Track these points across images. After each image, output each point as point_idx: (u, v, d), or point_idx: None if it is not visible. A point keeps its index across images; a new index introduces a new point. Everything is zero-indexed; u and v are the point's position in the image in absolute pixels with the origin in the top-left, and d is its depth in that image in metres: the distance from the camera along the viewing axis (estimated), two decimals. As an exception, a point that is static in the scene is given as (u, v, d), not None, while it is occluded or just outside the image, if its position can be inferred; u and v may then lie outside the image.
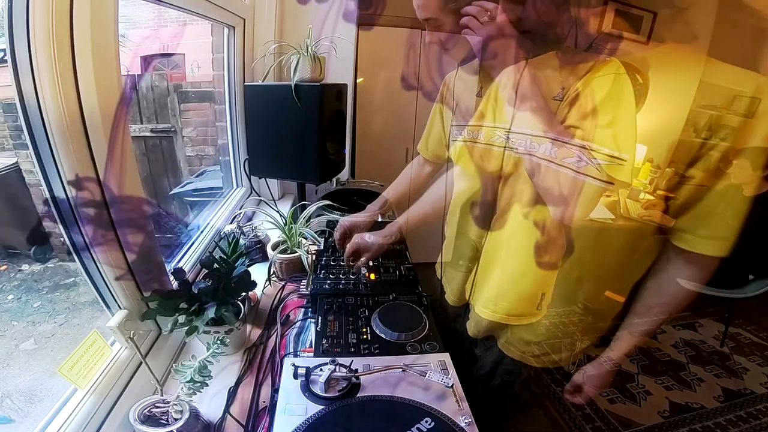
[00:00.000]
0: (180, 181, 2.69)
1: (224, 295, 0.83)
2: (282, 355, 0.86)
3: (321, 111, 1.25)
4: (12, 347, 1.78)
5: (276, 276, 1.19)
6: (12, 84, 0.59)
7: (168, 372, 0.82)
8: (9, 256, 2.21)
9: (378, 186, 1.78)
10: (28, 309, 1.99)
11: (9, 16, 0.56)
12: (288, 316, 1.00)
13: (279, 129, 1.32)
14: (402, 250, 1.19)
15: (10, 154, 2.15)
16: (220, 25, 1.46)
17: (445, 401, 0.66)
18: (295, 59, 1.24)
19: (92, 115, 0.64)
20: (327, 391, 0.67)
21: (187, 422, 0.64)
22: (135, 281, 0.80)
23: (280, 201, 1.82)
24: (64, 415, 0.64)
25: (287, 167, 1.39)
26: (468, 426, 0.62)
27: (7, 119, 2.09)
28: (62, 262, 2.20)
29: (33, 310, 1.99)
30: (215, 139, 2.01)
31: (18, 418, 1.15)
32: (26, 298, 2.04)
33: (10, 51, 0.58)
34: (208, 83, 2.65)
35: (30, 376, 1.56)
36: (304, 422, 0.62)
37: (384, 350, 0.80)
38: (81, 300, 2.03)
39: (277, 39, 1.58)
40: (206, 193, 2.19)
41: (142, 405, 0.66)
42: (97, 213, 0.69)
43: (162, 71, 3.57)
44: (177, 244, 1.26)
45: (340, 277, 1.03)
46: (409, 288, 1.01)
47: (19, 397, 1.29)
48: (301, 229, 1.17)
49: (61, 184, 0.66)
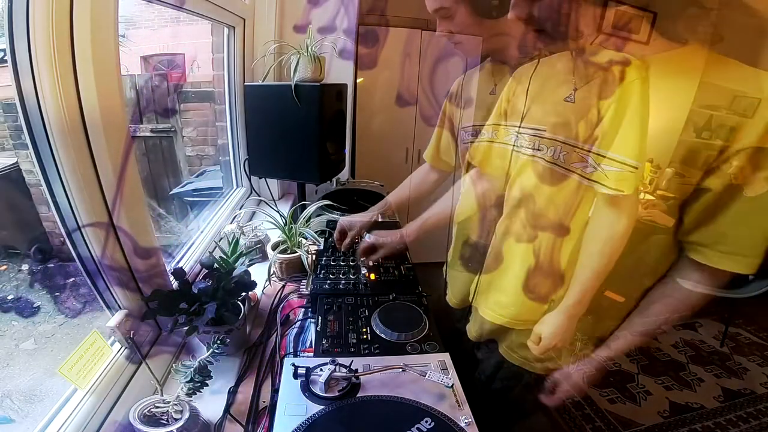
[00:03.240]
0: (180, 181, 2.69)
1: (224, 295, 0.83)
2: (282, 355, 0.86)
3: (321, 111, 1.25)
4: (12, 347, 1.78)
5: (276, 276, 1.19)
6: (12, 84, 0.59)
7: (168, 372, 0.82)
8: (9, 256, 2.21)
9: (378, 186, 1.78)
10: (28, 309, 1.99)
11: (9, 16, 0.56)
12: (288, 316, 1.00)
13: (279, 129, 1.32)
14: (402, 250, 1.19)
15: (10, 154, 2.15)
16: (220, 25, 1.47)
17: (445, 401, 0.66)
18: (295, 59, 1.24)
19: (92, 115, 0.64)
20: (327, 391, 0.67)
21: (187, 422, 0.64)
22: (135, 281, 0.80)
23: (280, 201, 1.82)
24: (64, 415, 0.64)
25: (287, 167, 1.39)
26: (468, 426, 0.62)
27: (7, 119, 2.09)
28: (62, 262, 2.20)
29: (33, 310, 1.99)
30: (215, 139, 2.01)
31: (18, 418, 1.15)
32: (26, 298, 2.04)
33: (10, 51, 0.58)
34: (208, 83, 2.65)
35: (30, 376, 1.56)
36: (304, 422, 0.62)
37: (384, 350, 0.80)
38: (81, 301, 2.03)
39: (277, 39, 1.58)
40: (206, 193, 2.19)
41: (142, 405, 0.66)
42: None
43: (162, 71, 3.57)
44: (176, 244, 1.26)
45: (340, 277, 1.03)
46: (409, 288, 1.00)
47: (19, 397, 1.29)
48: (301, 229, 1.17)
49: (61, 184, 0.66)
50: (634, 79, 0.64)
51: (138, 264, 0.79)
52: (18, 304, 2.00)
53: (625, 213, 0.70)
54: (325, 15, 1.51)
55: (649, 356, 2.24)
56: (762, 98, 0.59)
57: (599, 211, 0.73)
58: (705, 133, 0.64)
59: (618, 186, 0.66)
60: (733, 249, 0.66)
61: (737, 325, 2.52)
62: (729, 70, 0.64)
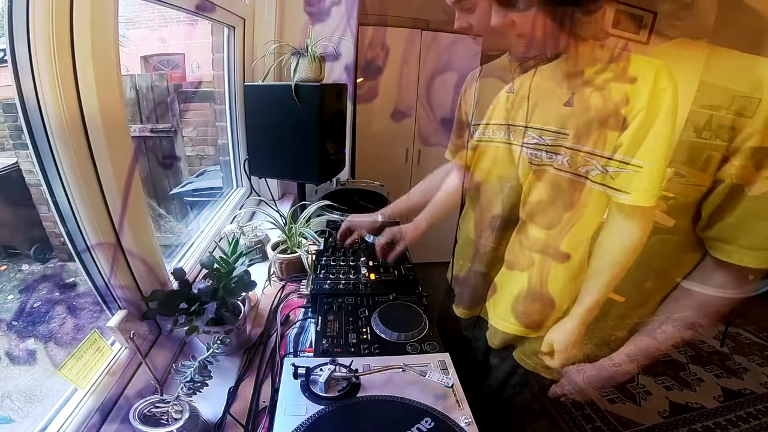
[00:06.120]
0: (180, 181, 2.69)
1: (224, 295, 0.83)
2: (282, 355, 0.86)
3: (321, 111, 1.25)
4: (12, 347, 1.78)
5: (276, 276, 1.19)
6: (12, 84, 0.59)
7: (168, 372, 0.82)
8: (9, 256, 2.21)
9: (378, 186, 1.78)
10: (28, 308, 1.99)
11: (9, 16, 0.56)
12: (288, 316, 1.00)
13: (279, 129, 1.32)
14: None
15: (10, 154, 2.15)
16: (220, 25, 1.46)
17: (445, 401, 0.66)
18: (295, 59, 1.24)
19: (92, 115, 0.64)
20: (327, 391, 0.67)
21: (187, 422, 0.64)
22: (135, 281, 0.80)
23: (280, 201, 1.82)
24: (64, 415, 0.64)
25: (287, 167, 1.38)
26: (468, 426, 0.62)
27: (7, 119, 2.09)
28: (62, 262, 2.20)
29: (33, 309, 1.99)
30: (215, 139, 2.01)
31: (18, 418, 1.15)
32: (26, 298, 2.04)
33: (10, 51, 0.58)
34: (208, 83, 2.65)
35: (30, 376, 1.56)
36: (304, 422, 0.62)
37: (384, 350, 0.80)
38: (81, 300, 2.03)
39: (277, 39, 1.58)
40: (206, 193, 2.19)
41: (142, 405, 0.66)
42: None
43: (162, 71, 3.57)
44: (176, 244, 1.26)
45: (340, 277, 1.03)
46: (409, 288, 1.00)
47: (19, 397, 1.29)
48: (301, 229, 1.17)
49: (61, 184, 0.66)
50: (667, 87, 0.61)
51: (138, 263, 0.79)
52: (18, 304, 2.00)
53: (641, 222, 0.69)
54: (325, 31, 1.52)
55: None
56: (762, 98, 0.59)
57: (613, 219, 0.72)
58: (705, 133, 0.63)
59: (636, 199, 0.65)
60: (754, 243, 0.64)
61: (737, 325, 2.51)
62: (729, 62, 0.63)
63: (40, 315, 1.86)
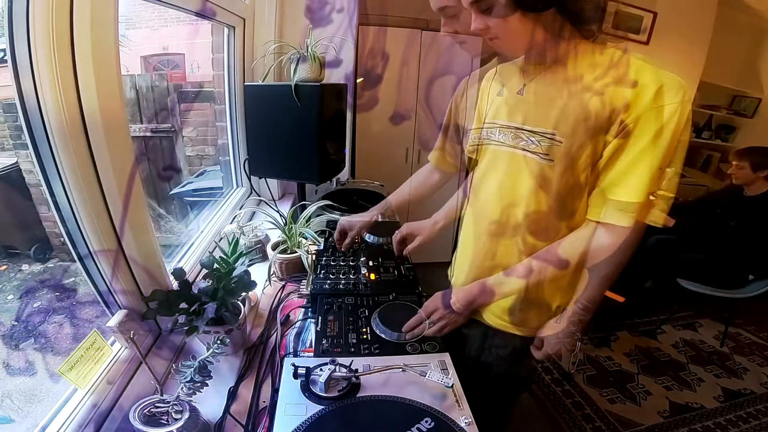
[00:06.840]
0: (180, 181, 2.69)
1: (224, 295, 0.83)
2: (282, 355, 0.86)
3: (321, 111, 1.25)
4: (12, 347, 1.78)
5: (276, 276, 1.19)
6: (12, 84, 0.59)
7: (168, 372, 0.82)
8: (9, 256, 2.20)
9: (378, 186, 1.78)
10: (28, 308, 1.99)
11: (9, 16, 0.56)
12: (288, 316, 1.00)
13: (279, 129, 1.32)
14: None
15: (10, 154, 2.15)
16: (220, 25, 1.46)
17: (445, 401, 0.66)
18: (295, 59, 1.24)
19: (92, 115, 0.64)
20: (327, 391, 0.67)
21: (187, 422, 0.64)
22: (135, 282, 0.80)
23: (280, 201, 1.82)
24: (64, 415, 0.64)
25: (287, 167, 1.38)
26: (468, 426, 0.62)
27: (7, 119, 2.09)
28: (62, 262, 2.20)
29: (33, 309, 1.98)
30: (215, 139, 2.01)
31: (18, 418, 1.15)
32: (26, 298, 2.04)
33: (10, 51, 0.58)
34: (208, 83, 2.65)
35: (30, 376, 1.56)
36: (304, 422, 0.62)
37: (384, 350, 0.80)
38: (81, 300, 2.03)
39: (277, 39, 1.58)
40: (206, 193, 2.19)
41: (142, 405, 0.66)
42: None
43: (162, 71, 3.57)
44: (177, 244, 1.26)
45: (340, 277, 1.03)
46: (409, 288, 1.01)
47: (19, 397, 1.29)
48: (301, 229, 1.17)
49: (61, 184, 0.66)
50: (675, 102, 0.63)
51: (138, 264, 0.79)
52: (18, 304, 2.00)
53: (616, 237, 0.71)
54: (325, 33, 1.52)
55: (649, 356, 2.24)
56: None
57: (595, 231, 0.74)
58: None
59: (618, 219, 0.69)
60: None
61: (737, 325, 2.52)
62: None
63: (40, 315, 1.86)
